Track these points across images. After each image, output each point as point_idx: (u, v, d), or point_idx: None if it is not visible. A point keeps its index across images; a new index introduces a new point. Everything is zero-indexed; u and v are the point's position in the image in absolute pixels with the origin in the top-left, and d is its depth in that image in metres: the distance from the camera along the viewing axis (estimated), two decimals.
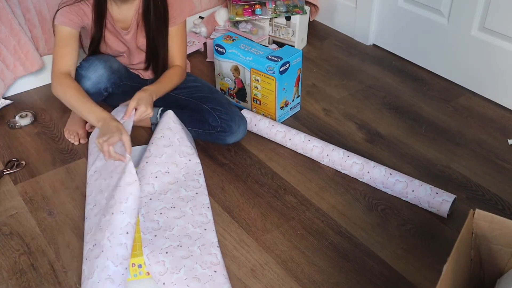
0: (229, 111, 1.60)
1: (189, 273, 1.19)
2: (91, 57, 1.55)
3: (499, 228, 1.05)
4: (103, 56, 1.57)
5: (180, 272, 1.19)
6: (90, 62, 1.52)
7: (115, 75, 1.57)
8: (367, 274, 1.24)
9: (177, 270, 1.19)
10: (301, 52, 1.70)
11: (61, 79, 1.43)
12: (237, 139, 1.62)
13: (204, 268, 1.21)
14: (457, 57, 1.91)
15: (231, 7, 2.13)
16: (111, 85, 1.56)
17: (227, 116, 1.59)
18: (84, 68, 1.51)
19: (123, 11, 1.52)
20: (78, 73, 1.51)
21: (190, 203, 1.39)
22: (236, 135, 1.60)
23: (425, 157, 1.60)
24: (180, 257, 1.22)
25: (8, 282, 1.24)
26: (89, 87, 1.50)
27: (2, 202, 1.47)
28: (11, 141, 1.72)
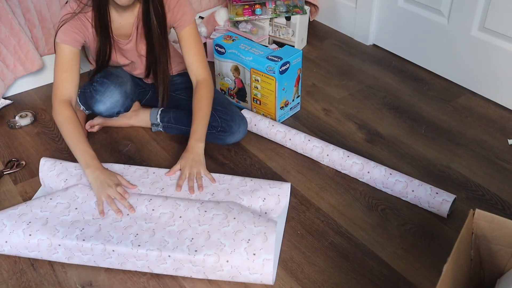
0: (229, 111, 1.60)
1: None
2: (106, 81, 1.54)
3: (499, 228, 1.05)
4: (117, 79, 1.57)
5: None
6: (105, 86, 1.53)
7: (129, 99, 1.60)
8: (367, 274, 1.24)
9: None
10: (301, 52, 1.70)
11: (61, 108, 1.39)
12: (237, 139, 1.62)
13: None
14: (457, 57, 1.91)
15: (231, 7, 2.13)
16: (125, 109, 1.60)
17: (228, 116, 1.59)
18: (100, 92, 1.53)
19: (124, 18, 1.48)
20: (93, 96, 1.53)
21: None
22: (237, 135, 1.60)
23: (425, 157, 1.60)
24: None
25: (8, 282, 1.24)
26: (102, 111, 1.55)
27: (2, 202, 1.47)
28: (11, 141, 1.72)
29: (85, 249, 1.21)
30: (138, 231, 1.23)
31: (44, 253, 1.24)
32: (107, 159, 1.62)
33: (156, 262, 1.20)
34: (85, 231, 1.23)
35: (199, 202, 1.31)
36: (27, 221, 1.26)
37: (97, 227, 1.25)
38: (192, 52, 1.54)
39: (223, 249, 1.18)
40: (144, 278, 1.24)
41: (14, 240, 1.24)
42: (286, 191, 1.38)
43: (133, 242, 1.20)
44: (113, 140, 1.70)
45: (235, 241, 1.19)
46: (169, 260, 1.19)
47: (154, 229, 1.24)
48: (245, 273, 1.17)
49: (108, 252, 1.21)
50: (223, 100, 1.65)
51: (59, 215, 1.27)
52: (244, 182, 1.40)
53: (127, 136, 1.72)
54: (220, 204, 1.30)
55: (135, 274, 1.25)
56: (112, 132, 1.74)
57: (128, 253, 1.20)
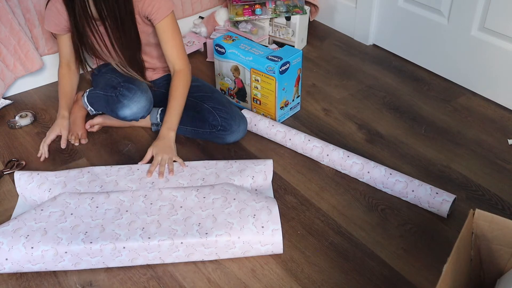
0: (229, 110, 1.60)
1: None
2: (133, 86, 1.56)
3: (499, 228, 1.05)
4: (141, 85, 1.59)
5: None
6: (133, 92, 1.55)
7: (152, 104, 1.62)
8: (367, 274, 1.24)
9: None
10: (301, 52, 1.70)
11: (63, 67, 1.67)
12: (237, 138, 1.62)
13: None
14: (457, 57, 1.91)
15: (231, 7, 2.13)
16: (147, 113, 1.62)
17: (228, 115, 1.59)
18: (127, 97, 1.54)
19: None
20: (120, 101, 1.55)
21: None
22: (236, 134, 1.60)
23: (425, 157, 1.60)
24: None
25: (8, 282, 1.24)
26: (127, 116, 1.57)
27: (2, 202, 1.47)
28: (11, 141, 1.72)
29: (94, 252, 1.21)
30: (144, 225, 1.25)
31: (49, 263, 1.22)
32: (107, 159, 1.62)
33: (169, 251, 1.22)
34: (89, 234, 1.23)
35: (195, 189, 1.34)
36: (24, 234, 1.23)
37: (100, 228, 1.24)
38: (169, 43, 1.57)
39: (232, 227, 1.23)
40: (144, 278, 1.24)
41: (15, 256, 1.21)
42: (270, 167, 1.46)
43: (142, 235, 1.22)
44: (113, 140, 1.70)
45: (241, 218, 1.25)
46: (181, 247, 1.21)
47: (159, 220, 1.26)
48: (256, 246, 1.24)
49: (118, 250, 1.21)
50: (222, 99, 1.65)
51: (56, 223, 1.26)
52: (229, 164, 1.46)
53: (127, 136, 1.72)
54: (215, 187, 1.34)
55: (135, 274, 1.25)
56: (112, 132, 1.74)
57: (139, 247, 1.21)
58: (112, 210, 1.29)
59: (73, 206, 1.31)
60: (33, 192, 1.41)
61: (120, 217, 1.27)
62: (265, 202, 1.30)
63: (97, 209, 1.30)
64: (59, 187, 1.39)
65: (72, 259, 1.22)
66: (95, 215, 1.28)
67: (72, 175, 1.43)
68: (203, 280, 1.23)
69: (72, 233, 1.23)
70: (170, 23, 1.55)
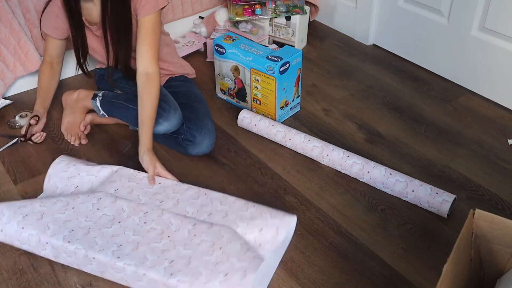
0: (199, 122, 1.58)
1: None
2: (166, 105, 1.53)
3: (499, 228, 1.05)
4: (172, 101, 1.57)
5: None
6: (167, 111, 1.53)
7: (181, 119, 1.59)
8: (367, 274, 1.24)
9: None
10: (301, 52, 1.70)
11: (44, 65, 1.72)
12: (200, 152, 1.59)
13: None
14: (457, 57, 1.91)
15: (231, 7, 2.13)
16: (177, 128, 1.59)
17: (194, 126, 1.57)
18: (162, 117, 1.52)
19: (89, 5, 1.54)
20: (155, 119, 1.51)
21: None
22: (199, 147, 1.57)
23: (425, 157, 1.60)
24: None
25: (8, 282, 1.24)
26: (160, 132, 1.55)
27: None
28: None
29: (69, 251, 1.21)
30: (123, 242, 1.21)
31: (34, 247, 1.25)
32: (107, 159, 1.62)
33: (133, 278, 1.17)
34: (73, 233, 1.23)
35: (192, 223, 1.26)
36: (24, 213, 1.27)
37: (86, 231, 1.24)
38: (146, 41, 1.51)
39: (199, 278, 1.12)
40: None
41: (8, 230, 1.26)
42: (288, 224, 1.28)
43: (114, 252, 1.18)
44: (113, 140, 1.70)
45: (212, 272, 1.13)
46: (144, 278, 1.16)
47: (139, 242, 1.21)
48: None
49: (89, 258, 1.20)
50: (199, 110, 1.63)
51: (54, 212, 1.28)
52: (245, 207, 1.31)
53: (127, 136, 1.72)
54: (213, 228, 1.24)
55: None
56: (112, 132, 1.74)
57: (107, 263, 1.18)
58: (108, 217, 1.28)
59: (79, 201, 1.31)
60: (62, 181, 1.43)
61: (110, 226, 1.25)
62: (246, 264, 1.14)
63: (96, 211, 1.29)
64: (86, 187, 1.41)
65: (52, 250, 1.23)
66: (90, 216, 1.28)
67: (102, 176, 1.43)
68: None
69: (61, 226, 1.24)
70: (152, 22, 1.51)
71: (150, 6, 1.50)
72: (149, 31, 1.51)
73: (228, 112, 1.83)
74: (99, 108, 1.66)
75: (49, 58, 1.70)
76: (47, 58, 1.70)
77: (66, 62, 2.04)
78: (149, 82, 1.49)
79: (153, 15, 1.51)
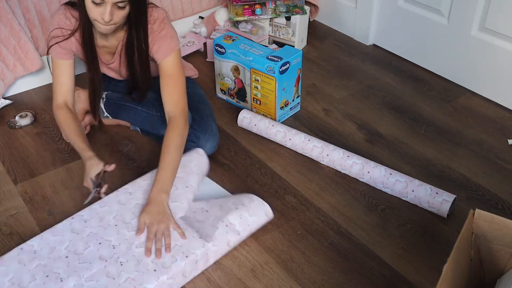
0: (203, 124, 1.58)
1: None
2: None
3: (499, 228, 1.05)
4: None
5: None
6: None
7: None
8: (367, 274, 1.24)
9: None
10: (301, 52, 1.70)
11: (60, 110, 1.49)
12: None
13: None
14: (457, 57, 1.91)
15: (231, 7, 2.13)
16: None
17: (199, 128, 1.56)
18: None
19: (108, 41, 1.50)
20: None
21: None
22: (203, 148, 1.55)
23: (425, 157, 1.60)
24: None
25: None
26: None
27: (2, 202, 1.47)
28: (11, 141, 1.72)
29: None
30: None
31: None
32: (107, 159, 1.62)
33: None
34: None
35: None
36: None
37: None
38: (168, 87, 1.45)
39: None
40: None
41: None
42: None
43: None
44: (113, 140, 1.70)
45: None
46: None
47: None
48: None
49: None
50: (204, 111, 1.63)
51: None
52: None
53: (127, 136, 1.72)
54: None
55: None
56: (112, 133, 1.74)
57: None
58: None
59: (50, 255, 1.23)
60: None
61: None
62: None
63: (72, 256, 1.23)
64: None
65: None
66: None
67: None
68: (203, 280, 1.23)
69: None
70: (171, 64, 1.45)
71: (164, 50, 1.45)
72: (170, 75, 1.45)
73: (228, 112, 1.83)
74: (103, 110, 1.65)
75: (61, 98, 1.49)
76: (59, 96, 1.49)
77: None
78: (172, 128, 1.41)
79: (170, 58, 1.45)
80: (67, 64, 1.49)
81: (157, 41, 1.45)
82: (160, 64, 1.46)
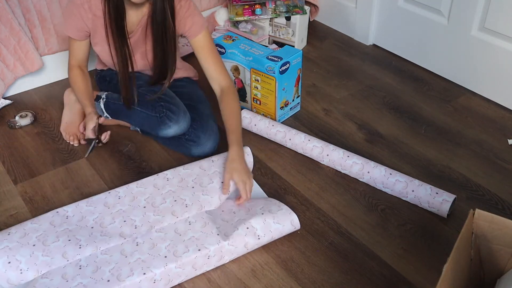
0: (204, 123, 1.59)
1: None
2: (174, 107, 1.54)
3: (499, 228, 1.05)
4: (179, 103, 1.57)
5: None
6: (177, 114, 1.53)
7: (190, 122, 1.59)
8: (367, 274, 1.24)
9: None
10: (301, 52, 1.70)
11: (74, 69, 1.63)
12: (203, 152, 1.58)
13: None
14: (457, 57, 1.91)
15: (231, 7, 2.13)
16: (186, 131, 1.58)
17: (199, 127, 1.57)
18: (173, 120, 1.53)
19: (131, 16, 1.50)
20: (165, 123, 1.53)
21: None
22: (203, 148, 1.57)
23: (425, 157, 1.60)
24: None
25: None
26: (169, 135, 1.56)
27: (2, 202, 1.47)
28: (11, 141, 1.72)
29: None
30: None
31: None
32: (107, 159, 1.62)
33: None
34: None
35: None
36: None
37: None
38: (208, 60, 1.55)
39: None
40: None
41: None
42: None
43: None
44: (113, 140, 1.70)
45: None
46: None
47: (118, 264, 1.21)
48: None
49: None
50: (203, 111, 1.64)
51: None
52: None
53: (127, 136, 1.72)
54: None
55: None
56: (112, 133, 1.73)
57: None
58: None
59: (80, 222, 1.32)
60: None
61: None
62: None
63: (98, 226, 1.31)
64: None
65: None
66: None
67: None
68: (203, 280, 1.23)
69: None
70: (206, 39, 1.54)
71: (198, 26, 1.52)
72: (207, 49, 1.55)
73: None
74: (102, 110, 1.65)
75: (75, 61, 1.63)
76: (74, 62, 1.63)
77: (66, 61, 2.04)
78: (227, 96, 1.53)
79: (204, 33, 1.53)
80: (83, 43, 1.59)
81: (190, 16, 1.49)
82: (196, 40, 1.53)
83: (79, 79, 1.62)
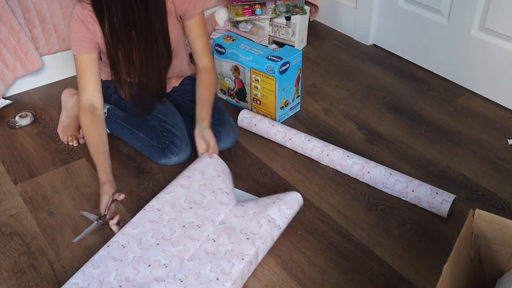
0: (221, 117, 1.60)
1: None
2: (177, 140, 1.53)
3: (499, 228, 1.05)
4: (182, 133, 1.56)
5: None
6: (179, 147, 1.53)
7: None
8: (367, 274, 1.24)
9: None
10: (301, 52, 1.70)
11: (85, 114, 1.44)
12: (225, 147, 1.59)
13: None
14: (457, 57, 1.91)
15: (231, 7, 2.13)
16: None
17: (218, 122, 1.58)
18: (174, 152, 1.53)
19: None
20: (166, 154, 1.53)
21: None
22: (224, 143, 1.58)
23: (425, 157, 1.60)
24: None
25: (8, 282, 1.24)
26: (167, 164, 1.56)
27: (2, 202, 1.47)
28: (11, 141, 1.72)
29: None
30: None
31: None
32: None
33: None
34: None
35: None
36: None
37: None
38: (201, 39, 1.57)
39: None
40: None
41: None
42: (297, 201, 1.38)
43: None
44: (113, 140, 1.70)
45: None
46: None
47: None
48: None
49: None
50: (219, 106, 1.64)
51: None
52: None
53: None
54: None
55: None
56: None
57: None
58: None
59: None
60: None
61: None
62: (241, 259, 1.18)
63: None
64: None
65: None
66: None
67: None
68: None
69: None
70: (202, 20, 1.56)
71: (199, 7, 1.52)
72: (202, 30, 1.56)
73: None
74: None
75: (87, 98, 1.43)
76: (85, 99, 1.43)
77: (66, 61, 2.05)
78: (207, 73, 1.59)
79: (202, 13, 1.55)
80: (91, 58, 1.42)
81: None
82: (193, 21, 1.53)
83: (91, 131, 1.43)
